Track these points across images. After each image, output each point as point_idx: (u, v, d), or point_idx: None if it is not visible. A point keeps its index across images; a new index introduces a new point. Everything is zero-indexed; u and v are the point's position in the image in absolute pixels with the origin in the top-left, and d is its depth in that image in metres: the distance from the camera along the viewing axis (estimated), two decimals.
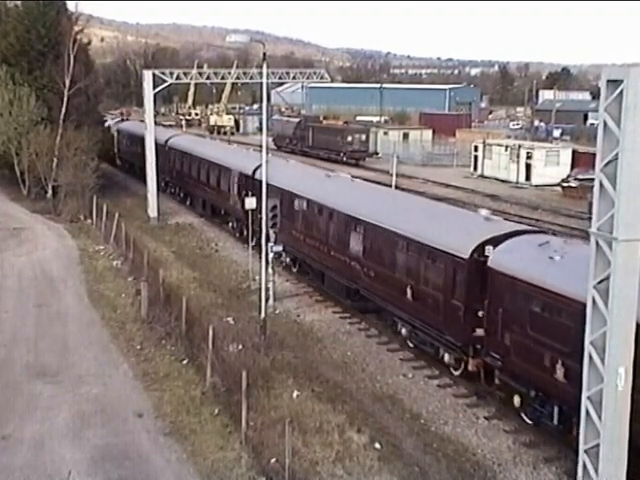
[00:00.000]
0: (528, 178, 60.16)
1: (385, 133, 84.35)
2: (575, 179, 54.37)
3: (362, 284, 25.09)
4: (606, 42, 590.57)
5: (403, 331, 23.04)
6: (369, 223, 24.58)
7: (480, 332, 18.96)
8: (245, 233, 33.98)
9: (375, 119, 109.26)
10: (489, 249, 18.82)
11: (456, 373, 20.75)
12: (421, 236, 21.57)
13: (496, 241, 19.02)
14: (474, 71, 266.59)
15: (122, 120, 71.04)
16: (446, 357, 20.80)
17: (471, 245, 19.43)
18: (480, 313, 18.92)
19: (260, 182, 30.60)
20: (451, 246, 20.10)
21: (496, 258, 18.44)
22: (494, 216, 22.03)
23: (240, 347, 21.28)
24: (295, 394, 18.87)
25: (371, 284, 24.49)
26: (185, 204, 48.59)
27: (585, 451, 12.52)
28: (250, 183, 34.84)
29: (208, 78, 59.11)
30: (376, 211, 24.84)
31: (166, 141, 51.17)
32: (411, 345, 22.88)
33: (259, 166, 32.64)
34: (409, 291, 21.85)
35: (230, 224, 39.60)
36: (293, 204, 30.02)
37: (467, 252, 19.41)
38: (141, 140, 50.73)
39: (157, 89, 46.66)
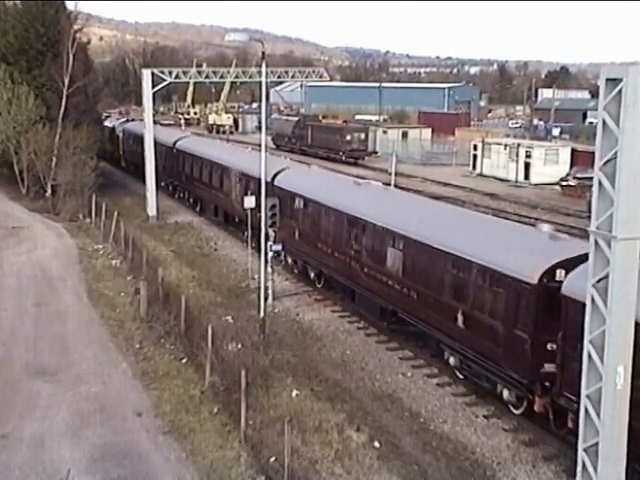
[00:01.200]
0: (527, 177, 60.20)
1: (384, 132, 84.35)
2: (574, 178, 54.42)
3: (401, 306, 22.67)
4: (605, 41, 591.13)
5: (451, 360, 20.49)
6: (410, 238, 22.00)
7: (550, 368, 16.50)
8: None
9: (374, 118, 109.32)
10: (561, 273, 16.56)
11: (517, 412, 18.46)
12: (476, 256, 19.00)
13: (569, 264, 16.51)
14: (473, 70, 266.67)
15: (127, 120, 68.81)
16: (505, 394, 18.32)
17: (540, 269, 16.99)
18: (550, 346, 16.51)
19: (279, 189, 30.30)
20: (514, 269, 17.61)
21: (571, 284, 15.85)
22: (560, 233, 19.47)
23: (239, 346, 21.29)
24: (294, 393, 18.88)
25: (412, 306, 21.97)
26: (185, 204, 48.52)
27: (584, 449, 12.51)
28: (268, 191, 33.25)
29: (207, 77, 59.41)
30: (418, 224, 22.32)
31: (174, 143, 49.54)
32: (461, 377, 20.49)
33: (279, 172, 32.08)
34: (460, 317, 19.35)
35: (245, 234, 37.18)
36: (319, 214, 27.98)
37: (535, 277, 16.97)
38: (154, 143, 49.96)
39: (156, 88, 46.97)
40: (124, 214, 39.33)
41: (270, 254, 26.01)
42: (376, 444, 16.64)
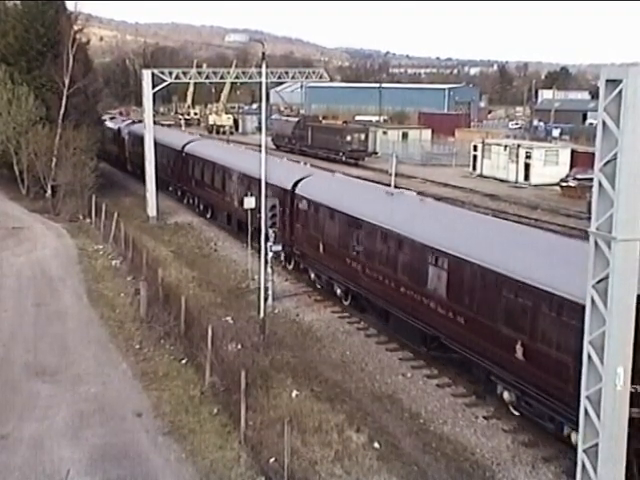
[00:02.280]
0: (527, 178, 60.19)
1: (384, 133, 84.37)
2: (574, 179, 54.40)
3: (445, 331, 20.39)
4: (605, 42, 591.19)
5: (506, 395, 18.35)
6: (456, 256, 19.64)
7: (635, 413, 13.95)
8: (284, 254, 30.76)
9: (374, 119, 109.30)
10: None
11: None
12: (539, 280, 16.61)
13: None
14: (473, 71, 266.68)
15: (133, 122, 66.07)
16: (573, 437, 15.60)
17: None
18: (634, 388, 13.80)
19: (301, 198, 29.18)
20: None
21: None
22: None
23: (239, 347, 21.30)
24: (294, 393, 18.87)
25: (459, 333, 19.61)
26: (184, 203, 48.49)
27: (584, 450, 12.52)
28: (288, 200, 30.57)
29: (207, 77, 59.15)
30: (466, 240, 19.97)
31: (183, 147, 47.56)
32: (516, 414, 18.35)
33: (300, 180, 30.45)
34: (519, 348, 17.18)
35: (261, 247, 36.01)
36: (348, 227, 25.84)
37: None
38: (161, 146, 48.14)
39: (156, 88, 46.77)
40: (124, 214, 39.34)
41: (270, 254, 25.99)
42: (376, 445, 16.63)
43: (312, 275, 29.29)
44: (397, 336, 23.42)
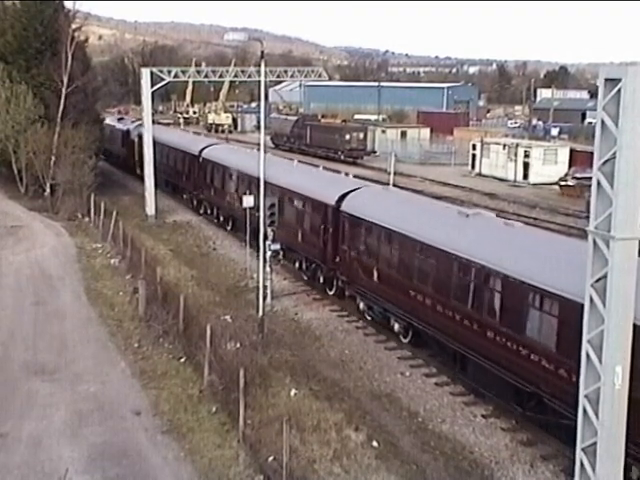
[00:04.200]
0: (526, 177, 60.28)
1: (383, 131, 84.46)
2: (573, 178, 54.51)
3: (550, 389, 16.56)
4: (604, 41, 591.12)
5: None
6: (571, 300, 15.38)
7: None
8: (322, 277, 28.63)
9: (373, 117, 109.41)
10: None
11: None
12: None
13: None
14: (472, 69, 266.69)
15: (141, 124, 65.03)
16: None
17: None
18: None
19: (349, 217, 25.92)
20: None
21: None
22: None
23: (238, 345, 21.29)
24: (293, 392, 18.87)
25: (569, 393, 15.07)
26: (183, 202, 48.44)
27: (582, 449, 12.53)
28: (331, 216, 27.05)
29: (206, 76, 59.00)
30: (582, 279, 13.91)
31: (200, 152, 44.11)
32: None
33: (346, 194, 26.88)
34: None
35: (297, 264, 31.02)
36: (412, 253, 22.32)
37: None
38: (174, 150, 46.80)
39: (155, 87, 46.62)
40: (123, 213, 39.34)
41: (269, 253, 25.98)
42: (374, 443, 16.64)
43: (361, 305, 25.67)
44: (478, 388, 19.57)
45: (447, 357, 21.08)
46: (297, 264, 30.92)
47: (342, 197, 26.80)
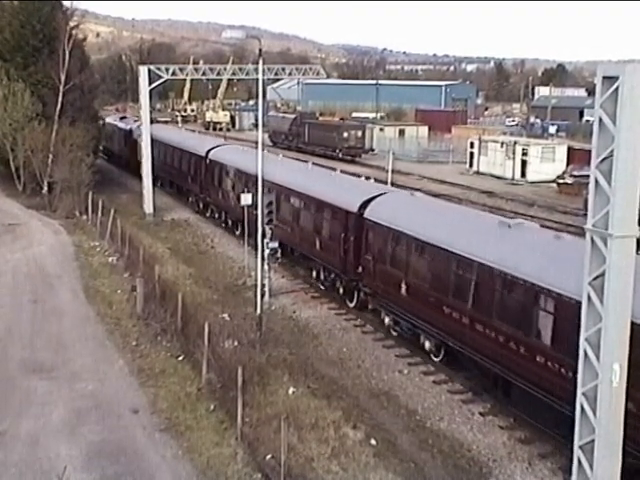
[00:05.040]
0: (524, 175, 60.33)
1: (381, 129, 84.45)
2: (571, 176, 54.53)
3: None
4: (602, 39, 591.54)
5: None
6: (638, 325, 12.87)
7: None
8: (342, 288, 27.15)
9: (371, 115, 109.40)
10: None
11: None
12: None
13: None
14: (470, 67, 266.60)
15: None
16: None
17: None
18: None
19: (373, 224, 24.25)
20: None
21: None
22: None
23: (236, 343, 21.29)
24: (291, 390, 18.88)
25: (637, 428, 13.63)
26: (182, 200, 48.38)
27: (580, 447, 12.54)
28: (353, 224, 25.57)
29: (204, 74, 58.90)
30: None
31: (207, 152, 42.14)
32: None
33: (370, 200, 25.18)
34: None
35: (314, 273, 29.11)
36: (446, 267, 20.40)
37: None
38: (179, 151, 45.71)
39: (153, 85, 46.56)
40: (121, 211, 39.29)
41: (267, 251, 25.96)
42: (372, 441, 16.65)
43: (386, 319, 24.07)
44: (522, 416, 17.94)
45: (486, 380, 19.34)
46: (314, 273, 29.30)
47: (365, 203, 25.19)
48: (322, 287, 28.71)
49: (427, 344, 21.92)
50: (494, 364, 18.42)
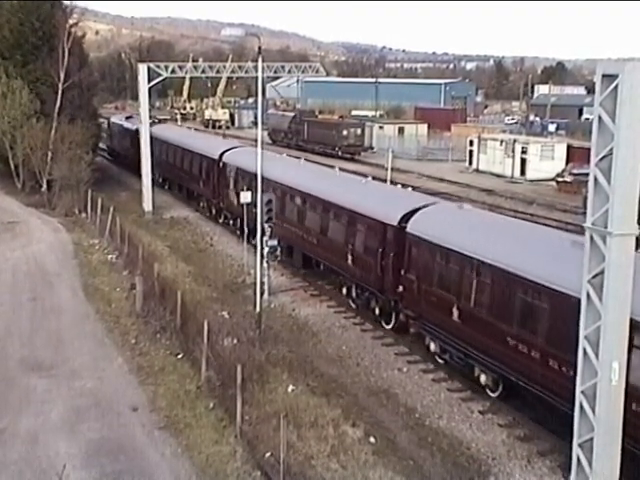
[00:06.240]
0: (523, 173, 60.30)
1: (380, 127, 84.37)
2: (570, 174, 54.49)
3: None
4: (601, 37, 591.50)
5: None
6: None
7: None
8: (378, 308, 24.73)
9: (370, 113, 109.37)
10: None
11: None
12: None
13: None
14: (469, 65, 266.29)
15: (154, 122, 56.09)
16: None
17: None
18: None
19: (416, 239, 21.80)
20: None
21: None
22: None
23: (235, 341, 21.29)
24: (290, 388, 18.88)
25: None
26: (181, 199, 48.33)
27: (579, 445, 12.56)
28: (393, 239, 23.11)
29: (203, 72, 59.11)
30: None
31: (220, 155, 39.77)
32: None
33: (412, 213, 22.78)
34: None
35: (349, 291, 26.61)
36: (511, 292, 17.83)
37: None
38: (189, 153, 44.30)
39: (152, 83, 46.65)
40: (120, 209, 39.26)
41: (266, 249, 25.96)
42: (372, 439, 16.66)
43: (432, 345, 21.61)
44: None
45: (559, 423, 16.37)
46: (344, 290, 26.94)
47: (407, 216, 22.72)
48: (353, 305, 26.42)
49: (483, 377, 19.42)
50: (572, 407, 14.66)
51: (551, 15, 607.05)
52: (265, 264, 25.97)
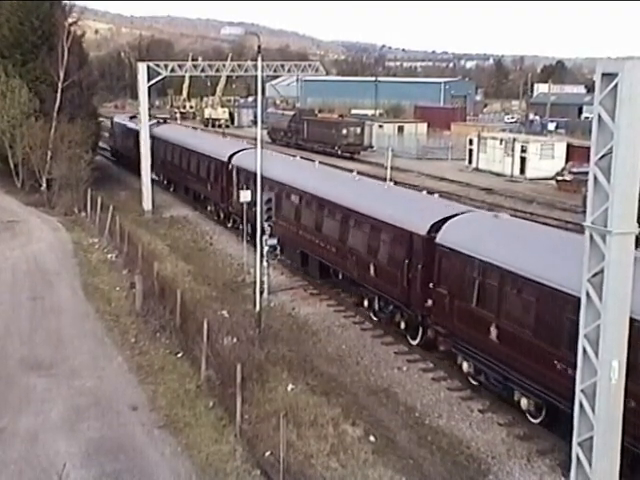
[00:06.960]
0: (523, 171, 60.31)
1: (380, 126, 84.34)
2: (570, 173, 54.51)
3: None
4: (601, 36, 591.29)
5: None
6: None
7: None
8: (404, 322, 23.34)
9: (370, 112, 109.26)
10: None
11: None
12: None
13: None
14: (469, 64, 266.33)
15: (158, 122, 55.59)
16: None
17: None
18: None
19: (447, 251, 20.33)
20: None
21: None
22: None
23: (235, 340, 21.28)
24: (290, 387, 18.88)
25: None
26: (182, 198, 48.28)
27: (579, 444, 12.55)
28: (421, 249, 21.73)
29: (203, 70, 59.00)
30: None
31: (229, 157, 38.31)
32: None
33: (441, 222, 21.30)
34: None
35: (371, 303, 25.20)
36: (561, 313, 16.20)
37: None
38: (196, 154, 43.20)
39: (152, 82, 46.55)
40: (119, 208, 39.26)
41: (266, 248, 25.95)
42: (371, 438, 16.66)
43: (465, 365, 20.07)
44: None
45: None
46: (365, 302, 25.58)
47: (436, 225, 21.32)
48: (376, 319, 25.01)
49: (524, 402, 17.88)
50: (635, 443, 13.95)
51: (551, 14, 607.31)
52: (265, 263, 25.95)
